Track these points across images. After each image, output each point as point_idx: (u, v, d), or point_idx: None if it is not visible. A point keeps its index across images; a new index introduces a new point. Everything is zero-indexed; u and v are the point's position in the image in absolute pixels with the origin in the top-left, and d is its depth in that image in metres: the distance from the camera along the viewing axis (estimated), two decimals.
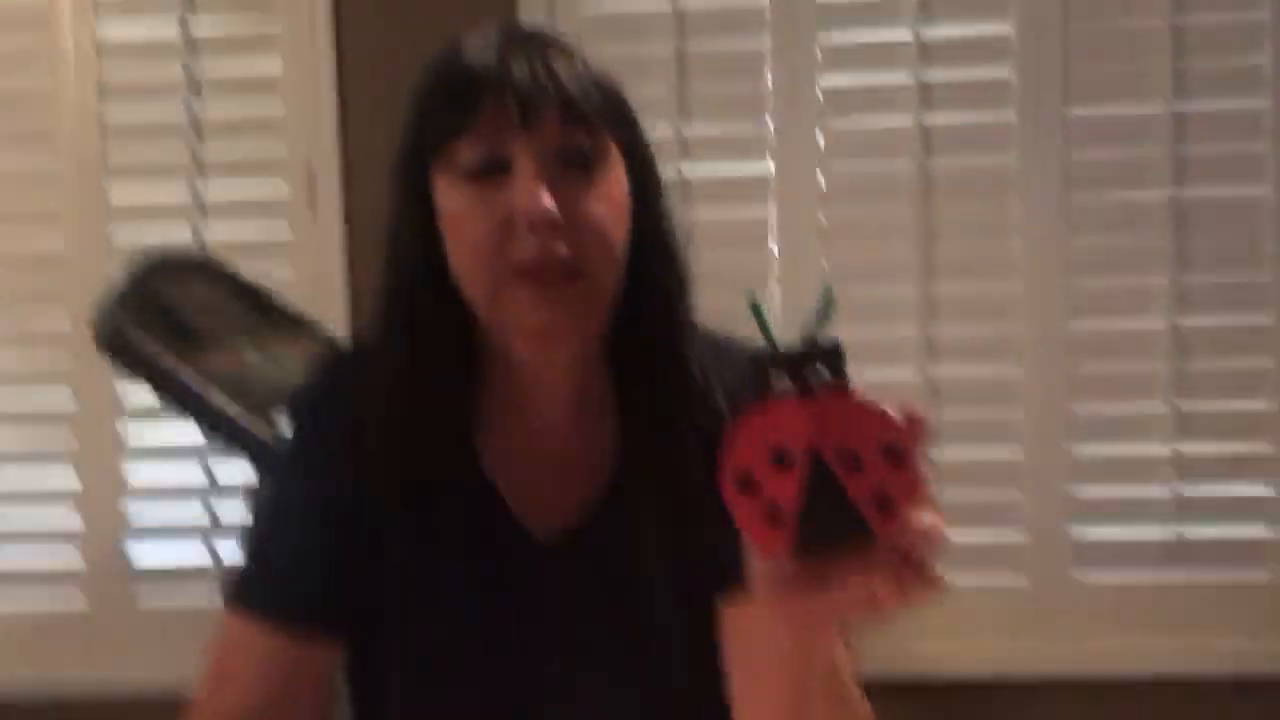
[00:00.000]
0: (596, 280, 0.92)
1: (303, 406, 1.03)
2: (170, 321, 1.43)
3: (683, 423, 0.97)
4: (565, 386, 0.98)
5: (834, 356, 0.69)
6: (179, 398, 1.33)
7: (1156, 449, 1.96)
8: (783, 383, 0.68)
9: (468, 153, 0.91)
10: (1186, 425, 1.96)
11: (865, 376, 0.68)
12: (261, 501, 1.04)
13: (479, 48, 0.93)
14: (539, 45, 0.93)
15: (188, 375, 1.32)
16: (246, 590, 1.00)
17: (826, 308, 0.69)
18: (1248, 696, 1.94)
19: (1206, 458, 1.95)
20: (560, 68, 0.92)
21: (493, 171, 0.91)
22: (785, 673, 0.83)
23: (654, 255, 0.97)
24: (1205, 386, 1.95)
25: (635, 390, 0.98)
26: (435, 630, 0.99)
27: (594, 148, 0.92)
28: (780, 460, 0.67)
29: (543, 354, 0.95)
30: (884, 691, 0.99)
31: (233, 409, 1.30)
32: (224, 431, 1.31)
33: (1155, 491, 1.97)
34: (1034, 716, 1.99)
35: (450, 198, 0.93)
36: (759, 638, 0.84)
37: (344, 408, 0.99)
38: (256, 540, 1.02)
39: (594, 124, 0.92)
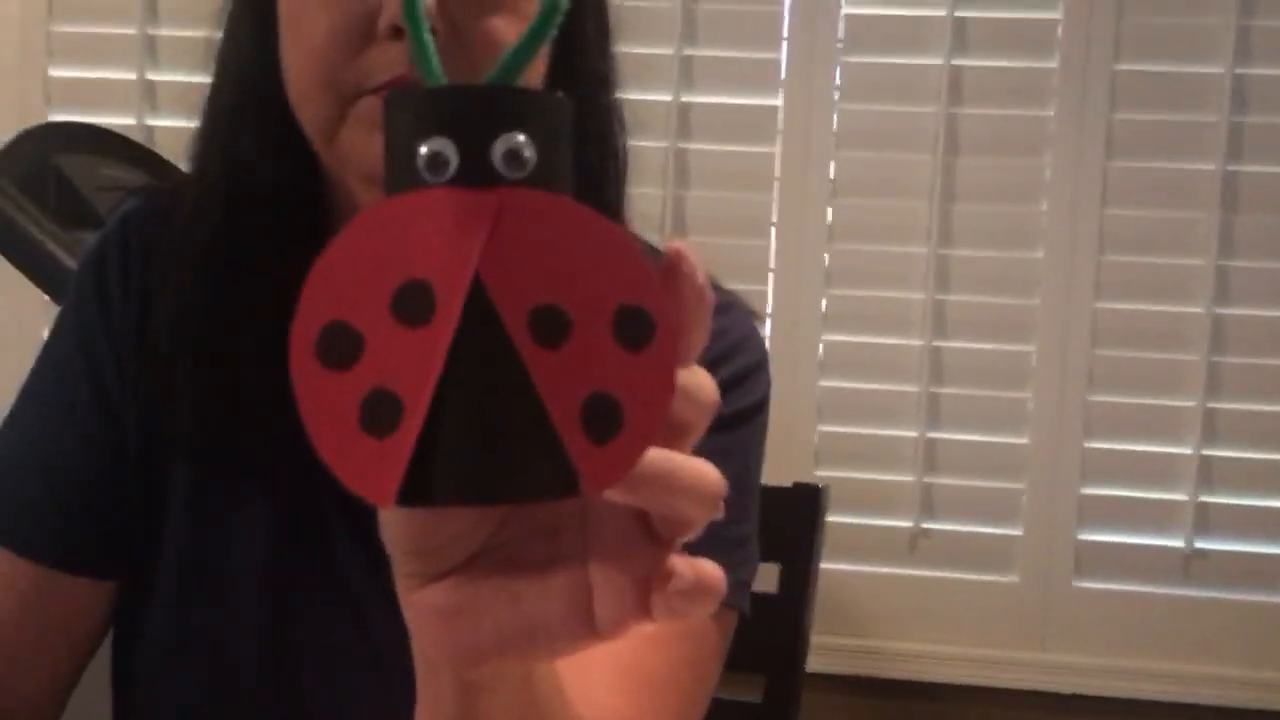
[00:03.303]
0: None
1: (84, 270, 0.77)
2: (64, 197, 1.24)
3: None
4: None
5: (547, 120, 0.36)
6: (33, 262, 1.14)
7: (1180, 450, 1.76)
8: (440, 156, 0.35)
9: None
10: (1216, 427, 1.75)
11: (863, 341, 0.40)
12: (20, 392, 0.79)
13: None
14: None
15: (52, 243, 1.13)
16: None
17: (545, 21, 0.37)
18: None
19: (1235, 463, 1.75)
20: None
21: None
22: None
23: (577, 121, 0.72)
24: (1240, 386, 1.75)
25: None
26: (205, 608, 0.75)
27: None
28: (408, 306, 0.35)
29: None
30: (846, 687, 0.79)
31: None
32: None
33: (1174, 497, 1.77)
34: None
35: None
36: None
37: (137, 277, 0.75)
38: None
39: None
